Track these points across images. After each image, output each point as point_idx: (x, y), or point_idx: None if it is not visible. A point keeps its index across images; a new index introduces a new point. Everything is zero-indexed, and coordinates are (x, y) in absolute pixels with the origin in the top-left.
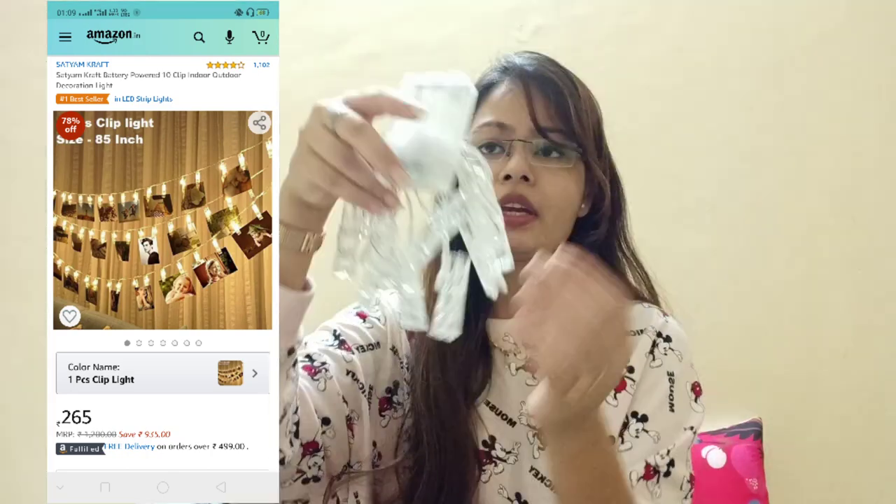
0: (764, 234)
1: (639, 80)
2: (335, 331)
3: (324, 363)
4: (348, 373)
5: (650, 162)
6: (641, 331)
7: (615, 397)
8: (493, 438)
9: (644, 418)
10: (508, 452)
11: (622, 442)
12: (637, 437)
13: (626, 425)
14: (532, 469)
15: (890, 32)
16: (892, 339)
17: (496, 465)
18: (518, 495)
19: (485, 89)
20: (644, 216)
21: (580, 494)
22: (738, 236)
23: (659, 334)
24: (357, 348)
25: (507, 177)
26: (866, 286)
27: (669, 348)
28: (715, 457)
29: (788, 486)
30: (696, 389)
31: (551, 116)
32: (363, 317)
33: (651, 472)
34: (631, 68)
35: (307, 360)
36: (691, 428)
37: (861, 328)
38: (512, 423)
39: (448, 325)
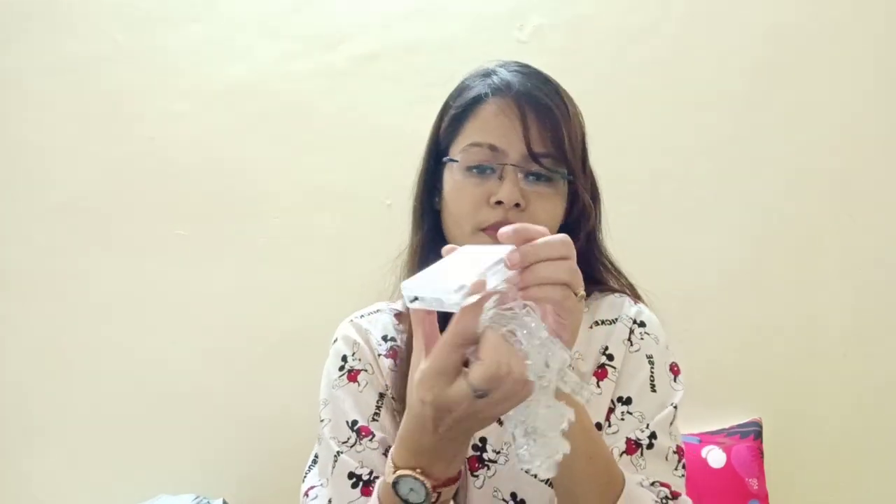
0: (764, 234)
1: (639, 80)
2: (353, 423)
3: (371, 472)
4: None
5: (650, 162)
6: (614, 320)
7: (598, 385)
8: (483, 440)
9: (628, 401)
10: (498, 453)
11: (609, 425)
12: (622, 419)
13: (611, 410)
14: None
15: (890, 32)
16: (892, 339)
17: (488, 468)
18: (514, 495)
19: (472, 103)
20: (644, 216)
21: (580, 479)
22: (738, 236)
23: (634, 321)
24: (372, 419)
25: (499, 202)
26: (866, 286)
27: (645, 332)
28: (715, 457)
29: (788, 486)
30: (675, 369)
31: (544, 142)
32: (353, 379)
33: (633, 447)
34: (631, 68)
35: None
36: (672, 404)
37: (861, 328)
38: (499, 421)
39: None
